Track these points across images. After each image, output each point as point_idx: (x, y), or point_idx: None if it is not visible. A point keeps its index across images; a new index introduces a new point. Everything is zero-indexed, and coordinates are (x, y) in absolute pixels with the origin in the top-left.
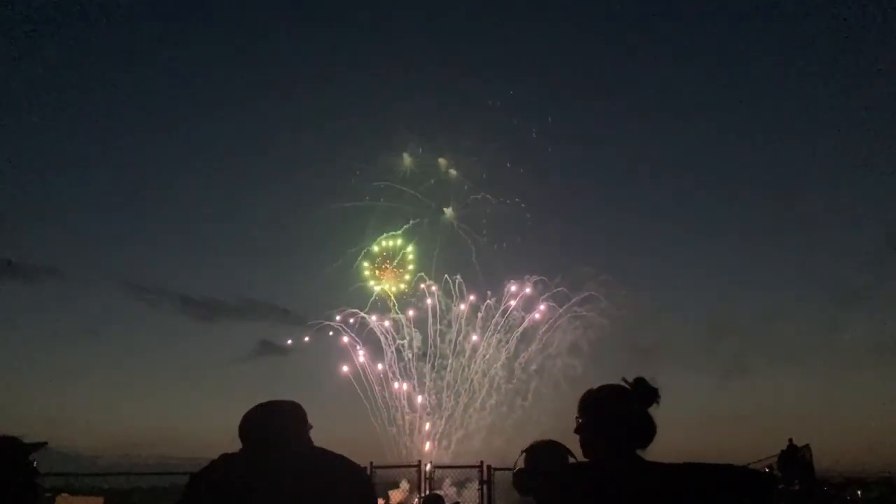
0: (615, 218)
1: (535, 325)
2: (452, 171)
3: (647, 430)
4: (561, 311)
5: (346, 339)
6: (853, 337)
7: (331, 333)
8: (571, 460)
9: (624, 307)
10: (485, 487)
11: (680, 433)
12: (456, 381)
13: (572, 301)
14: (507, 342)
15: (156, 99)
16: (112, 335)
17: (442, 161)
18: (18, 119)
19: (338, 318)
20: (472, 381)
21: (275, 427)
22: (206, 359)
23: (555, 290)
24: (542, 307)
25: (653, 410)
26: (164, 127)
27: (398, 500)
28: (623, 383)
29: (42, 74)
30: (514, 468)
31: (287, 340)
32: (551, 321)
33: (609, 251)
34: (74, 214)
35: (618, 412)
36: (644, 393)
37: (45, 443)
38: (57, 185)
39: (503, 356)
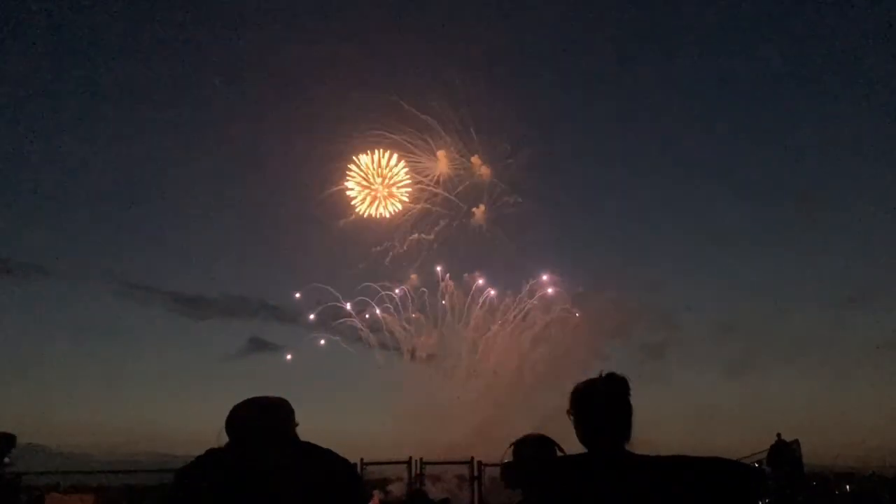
0: (629, 218)
1: (548, 325)
2: (485, 169)
3: (627, 421)
4: (574, 310)
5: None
6: (859, 335)
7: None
8: (559, 454)
9: (636, 305)
10: (475, 483)
11: (681, 427)
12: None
13: (588, 300)
14: (520, 336)
15: (145, 97)
16: (101, 333)
17: (475, 160)
18: (5, 117)
19: (349, 305)
20: (476, 375)
21: (262, 422)
22: (196, 356)
23: (573, 292)
24: (558, 308)
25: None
26: (153, 125)
27: (398, 494)
28: (600, 377)
29: (31, 73)
30: (502, 461)
31: (277, 337)
32: (565, 320)
33: (622, 251)
34: (63, 212)
35: (596, 405)
36: (614, 384)
37: (12, 435)
38: (45, 183)
39: (515, 355)
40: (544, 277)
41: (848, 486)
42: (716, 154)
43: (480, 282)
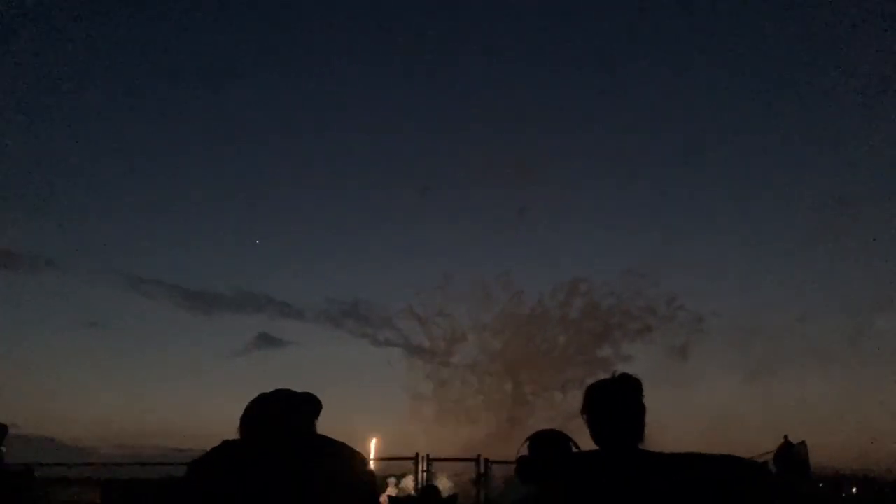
0: (657, 222)
1: (573, 326)
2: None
3: (640, 420)
4: (598, 312)
5: None
6: (881, 341)
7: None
8: (574, 451)
9: (662, 309)
10: (482, 480)
11: (697, 429)
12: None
13: (614, 303)
14: (543, 337)
15: (152, 91)
16: (109, 327)
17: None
18: (16, 112)
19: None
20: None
21: (283, 413)
22: (204, 351)
23: (599, 295)
24: (583, 309)
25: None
26: (162, 119)
27: (409, 489)
28: (613, 377)
29: (41, 69)
30: (518, 455)
31: (285, 333)
32: (589, 322)
33: (649, 254)
34: (72, 206)
35: (608, 405)
36: (627, 385)
37: (3, 425)
38: (54, 177)
39: (537, 356)
40: (571, 279)
41: (854, 489)
42: (743, 159)
43: (507, 280)
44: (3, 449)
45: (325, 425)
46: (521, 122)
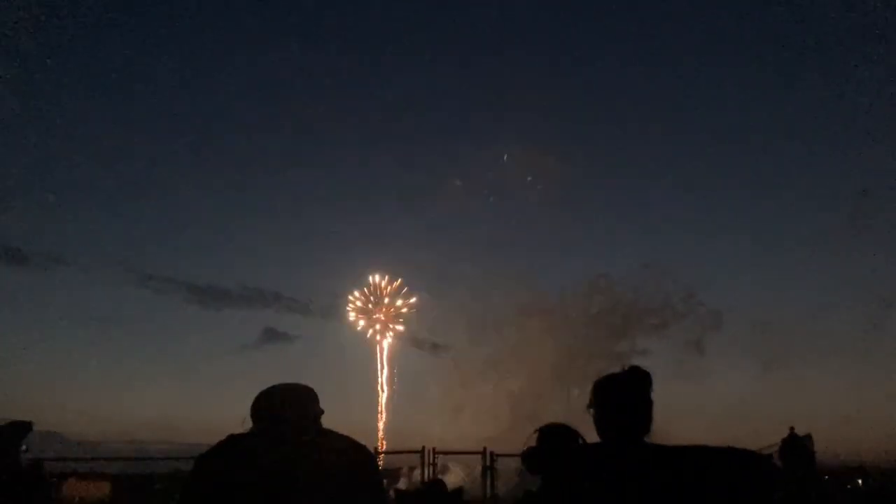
0: (676, 217)
1: (589, 320)
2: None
3: (648, 414)
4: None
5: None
6: (893, 335)
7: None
8: (581, 443)
9: (679, 303)
10: (488, 473)
11: (708, 421)
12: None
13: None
14: (559, 331)
15: (159, 88)
16: (118, 323)
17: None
18: (24, 108)
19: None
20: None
21: (288, 407)
22: (212, 346)
23: (616, 289)
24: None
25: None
26: (169, 116)
27: (415, 482)
28: (622, 370)
29: (49, 66)
30: (525, 447)
31: (292, 328)
32: (604, 315)
33: (669, 249)
34: (81, 203)
35: (616, 398)
36: (636, 378)
37: (28, 423)
38: (63, 174)
39: (552, 352)
40: (590, 275)
41: (860, 481)
42: (762, 155)
43: (526, 275)
44: (25, 447)
45: (330, 419)
46: (544, 117)
